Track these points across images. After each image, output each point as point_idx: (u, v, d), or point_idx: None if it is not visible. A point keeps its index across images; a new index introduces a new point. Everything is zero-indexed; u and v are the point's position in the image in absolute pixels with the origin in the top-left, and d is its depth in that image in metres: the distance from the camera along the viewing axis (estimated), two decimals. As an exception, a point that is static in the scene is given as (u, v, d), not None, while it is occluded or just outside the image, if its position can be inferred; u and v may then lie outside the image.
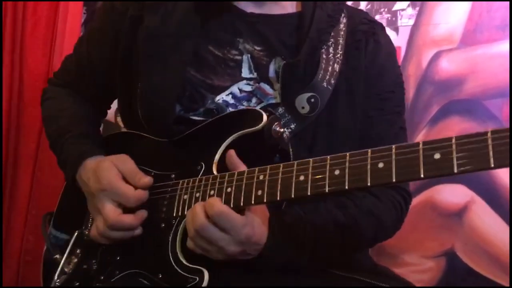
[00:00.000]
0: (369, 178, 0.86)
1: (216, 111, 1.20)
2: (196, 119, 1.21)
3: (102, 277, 1.19)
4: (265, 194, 0.98)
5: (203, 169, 1.12)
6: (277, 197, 0.97)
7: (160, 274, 1.09)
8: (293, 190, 0.95)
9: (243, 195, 1.01)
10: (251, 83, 1.22)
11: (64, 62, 1.47)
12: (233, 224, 1.00)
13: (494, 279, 1.88)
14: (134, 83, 1.24)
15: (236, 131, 1.11)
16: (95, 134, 1.35)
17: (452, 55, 2.07)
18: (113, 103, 1.47)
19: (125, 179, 1.16)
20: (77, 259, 1.24)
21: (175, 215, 1.12)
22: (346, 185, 0.89)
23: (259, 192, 0.99)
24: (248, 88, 1.22)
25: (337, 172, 0.90)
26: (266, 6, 1.26)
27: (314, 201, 1.14)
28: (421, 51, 2.13)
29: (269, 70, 1.22)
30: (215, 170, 1.10)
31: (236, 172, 1.04)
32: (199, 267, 1.04)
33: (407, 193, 1.24)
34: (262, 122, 1.08)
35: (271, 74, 1.22)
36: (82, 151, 1.23)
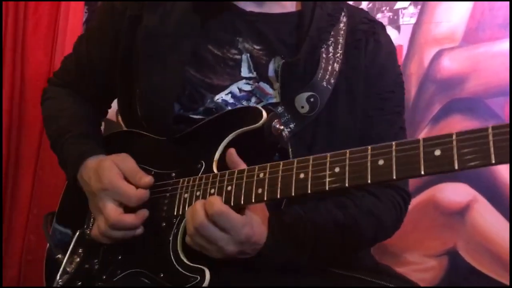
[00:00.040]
0: (369, 176, 0.86)
1: (216, 111, 1.20)
2: (196, 117, 1.21)
3: (104, 277, 1.19)
4: (266, 192, 0.98)
5: (203, 168, 1.12)
6: (277, 195, 0.96)
7: (162, 273, 1.09)
8: (293, 188, 0.94)
9: (243, 193, 1.00)
10: (250, 82, 1.22)
11: (64, 62, 1.48)
12: (232, 224, 0.99)
13: (497, 277, 1.87)
14: (134, 83, 1.24)
15: (236, 129, 1.10)
16: (95, 133, 1.35)
17: (454, 53, 2.06)
18: (114, 102, 1.47)
19: (126, 178, 1.16)
20: (79, 258, 1.24)
21: (175, 214, 1.12)
22: (347, 183, 0.88)
23: (259, 190, 0.98)
24: (247, 88, 1.22)
25: (337, 170, 0.90)
26: (265, 5, 1.26)
27: (314, 200, 1.14)
28: (423, 49, 2.12)
29: (269, 69, 1.22)
30: (215, 169, 1.10)
31: (236, 170, 1.04)
32: (200, 266, 1.04)
33: (406, 193, 1.24)
34: (261, 120, 1.08)
35: (270, 74, 1.22)
36: (83, 151, 1.23)
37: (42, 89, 1.50)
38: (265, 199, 0.98)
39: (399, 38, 2.16)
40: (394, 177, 0.83)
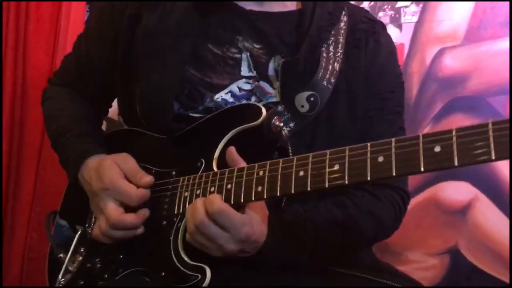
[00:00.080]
0: (369, 172, 0.85)
1: (215, 110, 1.19)
2: (196, 116, 1.20)
3: (106, 276, 1.19)
4: (265, 190, 0.97)
5: (203, 166, 1.12)
6: (277, 192, 0.96)
7: (163, 271, 1.09)
8: (293, 185, 0.94)
9: (243, 191, 1.00)
10: (250, 81, 1.22)
11: (64, 61, 1.47)
12: (232, 222, 0.99)
13: (498, 276, 1.86)
14: (133, 82, 1.24)
15: (235, 126, 1.10)
16: (96, 132, 1.35)
17: (456, 52, 2.05)
18: (115, 101, 1.47)
19: (127, 178, 1.16)
20: (81, 257, 1.25)
21: (176, 212, 1.12)
22: (346, 180, 0.88)
23: (259, 188, 0.98)
24: (247, 87, 1.22)
25: (336, 167, 0.90)
26: (266, 3, 1.26)
27: (314, 199, 1.14)
28: (424, 48, 2.12)
29: (269, 68, 1.22)
30: (215, 167, 1.10)
31: (236, 168, 1.04)
32: (201, 264, 1.04)
33: (405, 193, 1.23)
34: (261, 117, 1.08)
35: (270, 73, 1.22)
36: (83, 150, 1.23)
37: (43, 88, 1.50)
38: (265, 197, 0.98)
39: (400, 36, 2.15)
40: (394, 174, 0.83)
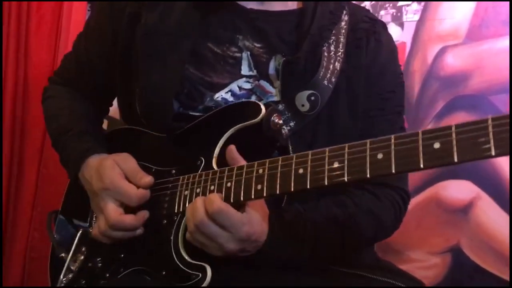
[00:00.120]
0: (368, 170, 0.85)
1: (215, 109, 1.19)
2: (196, 115, 1.20)
3: (107, 275, 1.19)
4: (265, 188, 0.97)
5: (203, 164, 1.12)
6: (277, 190, 0.96)
7: (164, 270, 1.09)
8: (292, 183, 0.94)
9: (242, 190, 1.00)
10: (250, 80, 1.21)
11: (64, 60, 1.47)
12: (232, 222, 0.99)
13: (500, 275, 1.86)
14: (133, 82, 1.24)
15: (235, 124, 1.10)
16: (96, 131, 1.34)
17: (458, 50, 2.05)
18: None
19: (127, 178, 1.16)
20: (82, 257, 1.25)
21: (176, 211, 1.12)
22: (346, 177, 0.88)
23: (259, 187, 0.98)
24: (247, 86, 1.21)
25: (336, 164, 0.89)
26: (266, 2, 1.25)
27: (314, 198, 1.14)
28: (426, 46, 2.12)
29: (269, 67, 1.21)
30: (215, 165, 1.10)
31: (235, 167, 1.03)
32: (202, 263, 1.04)
33: (405, 193, 1.23)
34: (260, 114, 1.08)
35: (271, 72, 1.21)
36: (84, 149, 1.23)
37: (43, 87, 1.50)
38: (264, 195, 0.98)
39: (402, 35, 2.15)
40: (393, 171, 0.83)
